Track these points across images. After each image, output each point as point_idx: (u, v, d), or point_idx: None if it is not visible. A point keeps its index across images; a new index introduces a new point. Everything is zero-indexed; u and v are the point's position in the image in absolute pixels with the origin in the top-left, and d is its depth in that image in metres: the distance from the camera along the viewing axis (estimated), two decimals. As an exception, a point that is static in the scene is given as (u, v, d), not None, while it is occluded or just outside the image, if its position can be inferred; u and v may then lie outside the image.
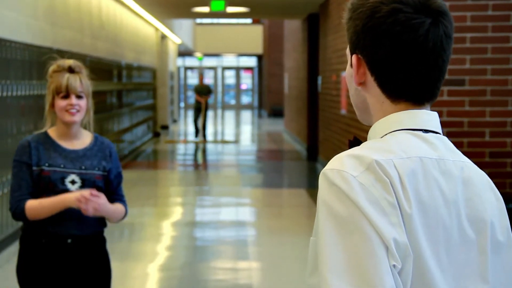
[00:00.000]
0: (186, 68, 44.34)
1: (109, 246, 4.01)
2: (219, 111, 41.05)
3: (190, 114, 32.87)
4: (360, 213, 1.46)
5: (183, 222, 9.74)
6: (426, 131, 1.60)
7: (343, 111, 12.83)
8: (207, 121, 21.87)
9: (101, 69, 13.41)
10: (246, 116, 36.68)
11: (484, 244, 1.57)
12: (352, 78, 1.64)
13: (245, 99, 45.25)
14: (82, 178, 3.76)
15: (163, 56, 25.87)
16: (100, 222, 3.86)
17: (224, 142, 20.99)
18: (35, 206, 3.69)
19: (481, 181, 1.61)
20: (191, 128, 25.86)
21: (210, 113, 33.37)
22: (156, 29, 23.59)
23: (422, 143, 1.57)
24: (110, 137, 14.41)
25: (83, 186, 3.76)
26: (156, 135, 23.31)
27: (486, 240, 1.57)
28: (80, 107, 3.76)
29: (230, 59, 43.76)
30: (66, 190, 3.72)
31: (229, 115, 37.78)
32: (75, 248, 3.76)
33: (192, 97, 40.19)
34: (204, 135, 21.26)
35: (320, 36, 15.99)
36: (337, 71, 13.61)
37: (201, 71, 33.60)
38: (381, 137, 1.60)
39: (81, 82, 3.77)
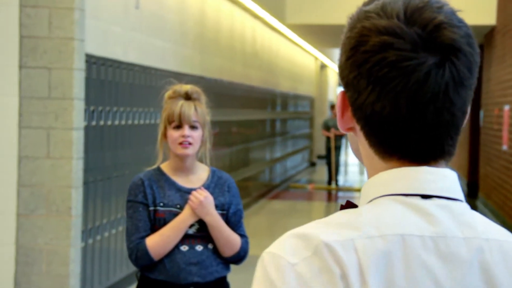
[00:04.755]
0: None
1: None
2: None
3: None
4: None
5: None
6: (426, 196, 1.12)
7: (505, 147, 12.18)
8: (339, 160, 17.61)
9: (254, 98, 13.31)
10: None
11: None
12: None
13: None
14: (200, 220, 3.36)
15: (322, 86, 25.69)
16: (223, 267, 3.44)
17: (359, 190, 16.34)
18: (157, 240, 3.28)
19: None
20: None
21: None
22: (316, 58, 23.44)
23: (413, 214, 1.10)
24: (263, 166, 14.30)
25: (201, 229, 3.36)
26: (312, 164, 23.08)
27: None
28: (194, 139, 3.33)
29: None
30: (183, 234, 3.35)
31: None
32: None
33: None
34: (336, 180, 17.27)
35: (484, 68, 15.32)
36: (499, 104, 12.95)
37: (333, 103, 25.46)
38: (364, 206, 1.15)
39: (196, 110, 3.34)
